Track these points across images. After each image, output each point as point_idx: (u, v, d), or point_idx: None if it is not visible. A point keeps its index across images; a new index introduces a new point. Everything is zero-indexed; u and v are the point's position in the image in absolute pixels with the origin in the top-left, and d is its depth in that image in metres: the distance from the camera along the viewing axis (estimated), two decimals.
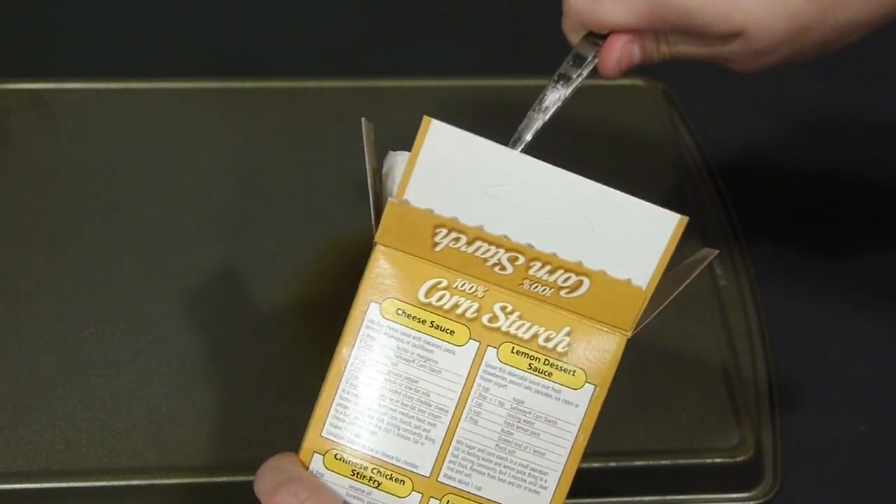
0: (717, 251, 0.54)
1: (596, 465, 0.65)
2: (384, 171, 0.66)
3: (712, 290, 0.74)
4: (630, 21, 0.56)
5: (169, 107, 0.86)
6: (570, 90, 0.60)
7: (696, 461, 0.65)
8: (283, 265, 0.75)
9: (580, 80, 0.59)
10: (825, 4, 0.53)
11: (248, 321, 0.71)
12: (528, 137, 0.62)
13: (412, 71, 0.90)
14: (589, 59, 0.59)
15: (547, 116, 0.61)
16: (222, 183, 0.80)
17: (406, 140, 0.86)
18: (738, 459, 0.65)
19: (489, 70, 0.91)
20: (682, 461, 0.65)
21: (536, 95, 0.87)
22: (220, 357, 0.69)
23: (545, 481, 0.48)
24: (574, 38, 0.59)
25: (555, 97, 0.60)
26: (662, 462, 0.65)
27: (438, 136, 0.48)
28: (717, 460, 0.65)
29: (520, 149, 0.62)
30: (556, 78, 0.60)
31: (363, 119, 0.54)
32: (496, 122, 0.85)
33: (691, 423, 0.66)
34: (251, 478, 0.63)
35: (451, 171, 0.48)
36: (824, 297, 0.77)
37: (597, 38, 0.58)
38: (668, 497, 0.65)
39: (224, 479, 0.64)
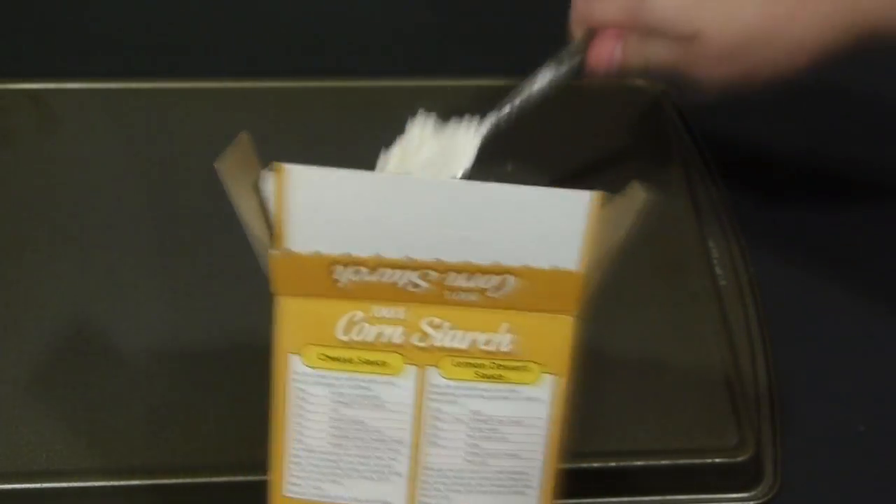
0: (646, 193, 0.55)
1: (596, 465, 0.65)
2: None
3: (712, 290, 0.74)
4: (617, 17, 0.64)
5: (169, 107, 0.86)
6: (561, 72, 0.68)
7: (697, 461, 0.65)
8: None
9: (571, 64, 0.68)
10: (773, 20, 0.59)
11: (248, 321, 0.71)
12: (516, 102, 0.71)
13: (412, 71, 0.90)
14: (581, 49, 0.67)
15: (534, 88, 0.70)
16: (222, 183, 0.80)
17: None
18: (739, 459, 0.65)
19: (489, 70, 0.91)
20: (682, 461, 0.65)
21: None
22: (220, 357, 0.69)
23: (528, 481, 0.47)
24: (577, 33, 0.66)
25: (546, 75, 0.69)
26: (662, 462, 0.65)
27: (300, 181, 0.46)
28: (718, 460, 0.65)
29: (502, 114, 0.70)
30: (551, 61, 0.68)
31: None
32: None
33: (691, 424, 0.66)
34: (251, 478, 0.63)
35: (326, 209, 0.46)
36: (824, 297, 0.77)
37: (593, 36, 0.66)
38: (668, 497, 0.65)
39: (224, 479, 0.64)
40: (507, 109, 0.72)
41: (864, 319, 0.75)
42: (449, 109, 0.87)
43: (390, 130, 0.85)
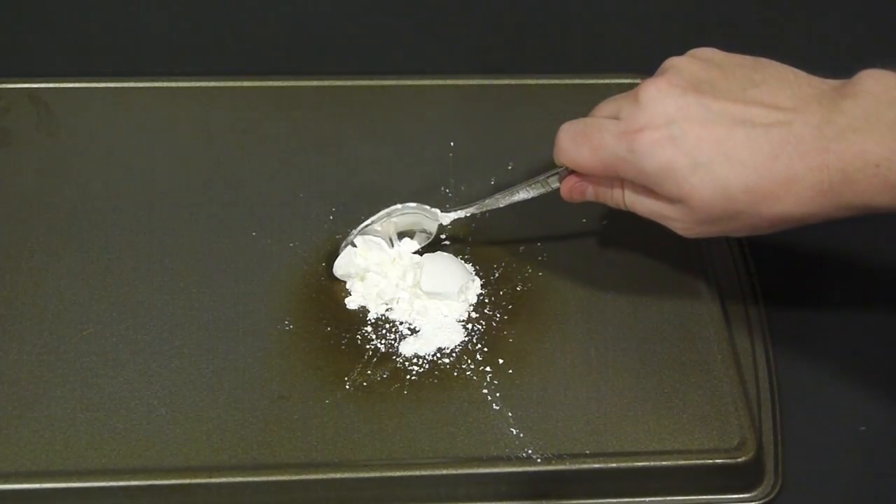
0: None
1: (596, 465, 0.65)
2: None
3: (712, 290, 0.74)
4: (592, 167, 0.66)
5: (169, 107, 0.86)
6: (535, 193, 0.72)
7: (697, 462, 0.65)
8: (283, 265, 0.75)
9: (545, 188, 0.71)
10: (759, 197, 0.60)
11: (247, 321, 0.71)
12: (478, 210, 0.75)
13: (412, 71, 0.90)
14: (557, 177, 0.70)
15: (507, 202, 0.73)
16: (222, 182, 0.80)
17: (406, 139, 0.87)
18: (739, 460, 0.65)
19: (489, 70, 0.91)
20: (682, 461, 0.65)
21: (537, 95, 0.88)
22: (220, 357, 0.69)
23: None
24: (558, 161, 0.68)
25: (523, 194, 0.72)
26: (663, 462, 0.65)
27: None
28: (718, 461, 0.65)
29: (471, 211, 0.75)
30: (531, 181, 0.71)
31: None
32: (496, 122, 0.86)
33: (692, 424, 0.66)
34: (251, 478, 0.64)
35: None
36: (824, 297, 0.77)
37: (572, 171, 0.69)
38: (669, 497, 0.66)
39: (224, 479, 0.63)
40: (475, 209, 0.74)
41: (864, 319, 0.76)
42: (449, 109, 0.87)
43: (390, 130, 0.85)
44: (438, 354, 0.70)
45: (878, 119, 0.58)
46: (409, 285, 0.72)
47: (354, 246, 0.74)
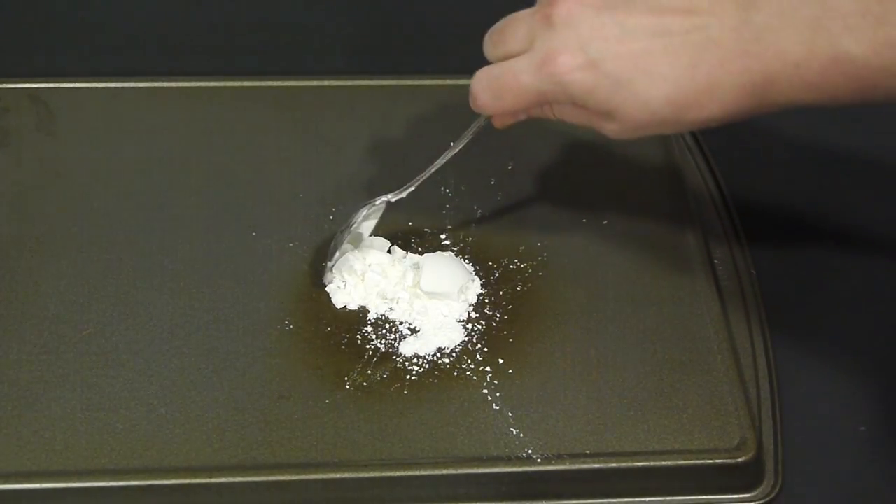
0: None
1: (596, 465, 0.65)
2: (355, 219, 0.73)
3: (712, 290, 0.74)
4: (519, 108, 0.66)
5: (169, 107, 0.86)
6: (465, 140, 0.71)
7: (697, 462, 0.65)
8: (283, 265, 0.75)
9: (475, 131, 0.71)
10: (682, 107, 0.61)
11: (247, 321, 0.71)
12: (431, 171, 0.74)
13: (412, 71, 0.90)
14: (480, 121, 0.70)
15: (446, 159, 0.73)
16: (222, 182, 0.81)
17: (406, 139, 0.87)
18: (739, 460, 0.65)
19: None
20: (682, 461, 0.65)
21: None
22: (220, 357, 0.69)
23: None
24: (481, 112, 0.68)
25: (458, 146, 0.72)
26: (663, 462, 0.65)
27: None
28: (718, 461, 0.65)
29: (418, 181, 0.74)
30: (463, 136, 0.71)
31: None
32: None
33: (691, 424, 0.66)
34: (251, 478, 0.64)
35: None
36: (824, 296, 0.77)
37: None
38: (669, 497, 0.65)
39: (224, 479, 0.63)
40: (423, 178, 0.74)
41: (865, 319, 0.75)
42: (449, 109, 0.87)
43: (390, 130, 0.85)
44: (438, 354, 0.70)
45: (794, 16, 0.58)
46: (409, 285, 0.72)
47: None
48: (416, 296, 0.72)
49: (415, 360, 0.69)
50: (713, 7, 0.59)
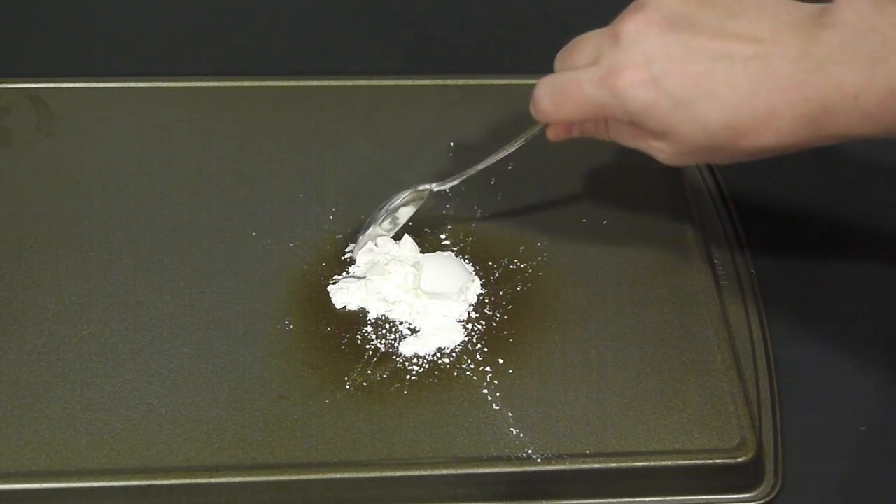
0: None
1: (596, 465, 0.65)
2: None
3: (712, 290, 0.74)
4: (577, 118, 0.67)
5: (169, 107, 0.86)
6: (517, 144, 0.73)
7: (697, 462, 0.65)
8: (283, 265, 0.75)
9: (527, 138, 0.72)
10: (739, 133, 0.61)
11: (247, 321, 0.71)
12: (479, 168, 0.75)
13: (412, 71, 0.90)
14: (535, 128, 0.72)
15: (495, 160, 0.74)
16: (222, 183, 0.81)
17: (406, 139, 0.87)
18: (740, 460, 0.65)
19: (489, 70, 0.91)
20: (682, 461, 0.65)
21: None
22: (220, 357, 0.69)
23: None
24: (540, 119, 0.69)
25: (508, 149, 0.73)
26: (663, 462, 0.65)
27: None
28: (718, 461, 0.65)
29: (465, 176, 0.75)
30: (514, 141, 0.73)
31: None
32: (496, 122, 0.86)
33: (691, 424, 0.66)
34: (251, 478, 0.64)
35: None
36: (824, 297, 0.77)
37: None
38: (669, 497, 0.65)
39: (224, 479, 0.63)
40: (470, 173, 0.75)
41: (865, 319, 0.75)
42: (449, 109, 0.87)
43: (390, 130, 0.85)
44: (438, 354, 0.70)
45: (855, 50, 0.58)
46: (411, 286, 0.72)
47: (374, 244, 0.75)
48: (416, 296, 0.72)
49: (415, 360, 0.69)
50: (776, 37, 0.60)
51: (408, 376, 0.69)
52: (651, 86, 0.62)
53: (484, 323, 0.72)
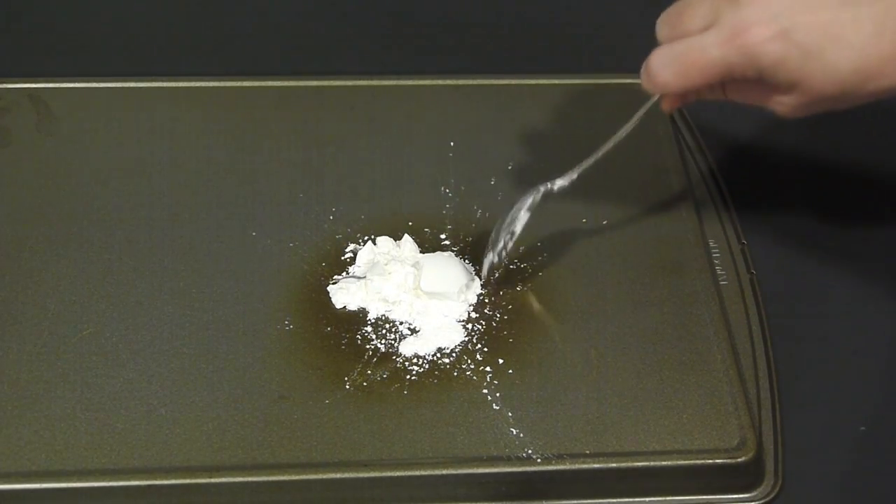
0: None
1: (596, 465, 0.65)
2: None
3: (712, 290, 0.74)
4: (700, 85, 0.65)
5: (168, 107, 0.86)
6: (633, 123, 0.70)
7: (697, 462, 0.65)
8: (283, 265, 0.75)
9: (643, 113, 0.70)
10: (867, 76, 0.62)
11: (247, 321, 0.71)
12: (590, 161, 0.72)
13: (412, 71, 0.90)
14: (655, 99, 0.69)
15: (613, 145, 0.71)
16: (222, 183, 0.80)
17: (406, 139, 0.87)
18: (739, 460, 0.65)
19: (489, 70, 0.91)
20: (682, 461, 0.65)
21: (537, 95, 0.88)
22: (220, 357, 0.69)
23: None
24: (656, 91, 0.68)
25: (626, 130, 0.71)
26: (663, 462, 0.65)
27: None
28: (718, 461, 0.65)
29: (574, 176, 0.72)
30: (630, 122, 0.70)
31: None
32: (496, 122, 0.86)
33: (691, 424, 0.66)
34: (251, 478, 0.64)
35: None
36: (824, 296, 0.77)
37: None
38: (669, 497, 0.65)
39: (224, 479, 0.63)
40: (581, 169, 0.72)
41: (865, 319, 0.75)
42: (449, 109, 0.87)
43: (390, 130, 0.85)
44: (438, 354, 0.70)
45: None
46: (411, 287, 0.72)
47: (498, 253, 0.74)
48: (416, 296, 0.72)
49: (415, 360, 0.69)
50: None
51: (408, 376, 0.69)
52: (781, 39, 0.62)
53: (484, 323, 0.72)
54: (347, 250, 0.76)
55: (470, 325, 0.72)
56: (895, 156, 0.86)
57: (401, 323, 0.72)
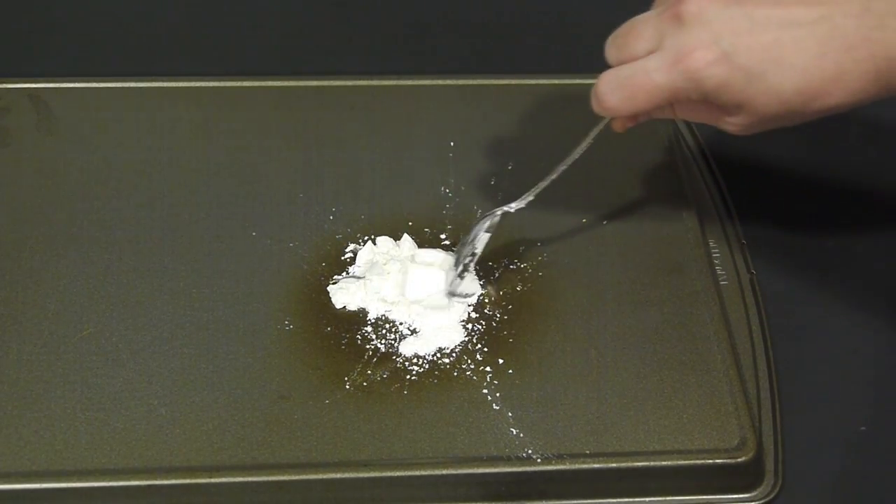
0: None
1: (596, 465, 0.65)
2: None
3: (712, 290, 0.74)
4: (648, 108, 0.66)
5: (169, 107, 0.86)
6: (585, 146, 0.71)
7: (697, 461, 0.65)
8: (283, 265, 0.75)
9: (594, 135, 0.70)
10: (811, 96, 0.62)
11: (247, 321, 0.71)
12: (533, 194, 0.73)
13: (412, 71, 0.90)
14: (598, 129, 0.70)
15: (563, 169, 0.72)
16: (222, 183, 0.80)
17: (406, 139, 0.87)
18: (739, 460, 0.65)
19: (489, 70, 0.91)
20: (682, 461, 0.65)
21: (537, 95, 0.88)
22: (220, 357, 0.69)
23: None
24: (605, 115, 0.69)
25: (575, 156, 0.71)
26: (663, 462, 0.65)
27: None
28: (718, 461, 0.65)
29: (531, 198, 0.73)
30: (582, 144, 0.71)
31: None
32: (496, 122, 0.86)
33: (692, 424, 0.66)
34: (251, 478, 0.64)
35: None
36: (824, 296, 0.77)
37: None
38: (669, 497, 0.65)
39: (224, 479, 0.63)
40: (534, 194, 0.73)
41: (865, 319, 0.75)
42: (449, 109, 0.87)
43: (390, 130, 0.85)
44: (438, 354, 0.70)
45: None
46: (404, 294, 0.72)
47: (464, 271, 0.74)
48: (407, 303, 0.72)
49: (415, 360, 0.69)
50: None
51: (408, 376, 0.69)
52: (724, 63, 0.62)
53: (484, 323, 0.72)
54: (347, 250, 0.76)
55: (470, 325, 0.72)
56: (894, 155, 0.86)
57: (401, 323, 0.72)
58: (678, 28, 0.63)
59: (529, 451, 0.65)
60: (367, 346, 0.70)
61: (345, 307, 0.72)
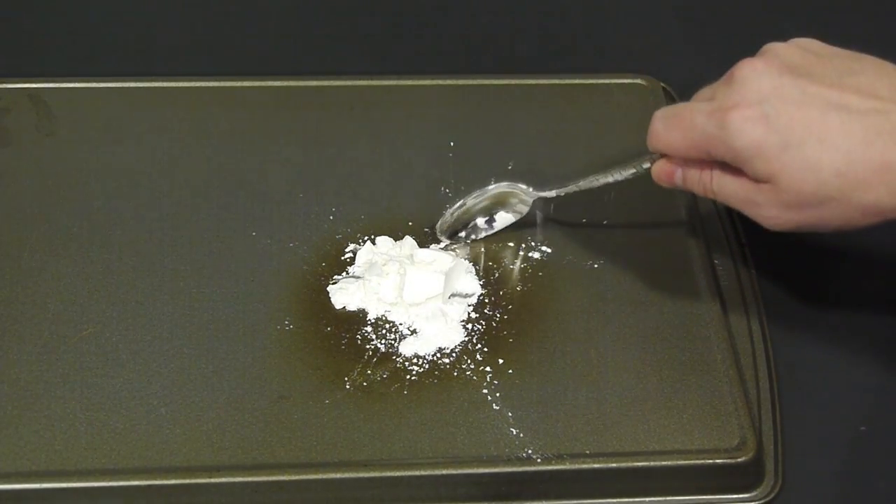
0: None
1: (596, 465, 0.65)
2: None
3: (712, 291, 0.74)
4: (684, 149, 0.65)
5: (169, 107, 0.86)
6: (624, 176, 0.71)
7: (697, 461, 0.65)
8: (283, 265, 0.75)
9: (637, 171, 0.70)
10: (850, 182, 0.59)
11: (247, 321, 0.71)
12: (573, 189, 0.74)
13: (412, 71, 0.90)
14: (646, 161, 0.69)
15: (602, 183, 0.72)
16: (222, 183, 0.80)
17: (406, 139, 0.87)
18: (739, 460, 0.65)
19: (489, 70, 0.91)
20: (682, 461, 0.65)
21: (537, 95, 0.88)
22: (220, 357, 0.69)
23: None
24: (652, 147, 0.68)
25: (616, 176, 0.71)
26: (663, 462, 0.65)
27: None
28: (718, 461, 0.65)
29: (564, 192, 0.75)
30: (625, 164, 0.71)
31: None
32: (496, 122, 0.86)
33: (692, 424, 0.66)
34: (251, 478, 0.64)
35: None
36: (824, 297, 0.77)
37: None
38: (669, 497, 0.65)
39: (224, 479, 0.63)
40: (571, 188, 0.74)
41: (865, 320, 0.75)
42: (449, 109, 0.87)
43: (390, 130, 0.85)
44: (438, 354, 0.70)
45: None
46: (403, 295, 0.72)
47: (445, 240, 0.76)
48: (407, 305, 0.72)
49: (415, 360, 0.69)
50: (895, 96, 0.60)
51: (408, 376, 0.69)
52: (761, 123, 0.61)
53: (484, 323, 0.72)
54: (347, 250, 0.76)
55: (470, 325, 0.72)
56: None
57: (401, 323, 0.72)
58: (730, 85, 0.63)
59: (529, 451, 0.65)
60: (367, 347, 0.70)
61: (344, 307, 0.72)
